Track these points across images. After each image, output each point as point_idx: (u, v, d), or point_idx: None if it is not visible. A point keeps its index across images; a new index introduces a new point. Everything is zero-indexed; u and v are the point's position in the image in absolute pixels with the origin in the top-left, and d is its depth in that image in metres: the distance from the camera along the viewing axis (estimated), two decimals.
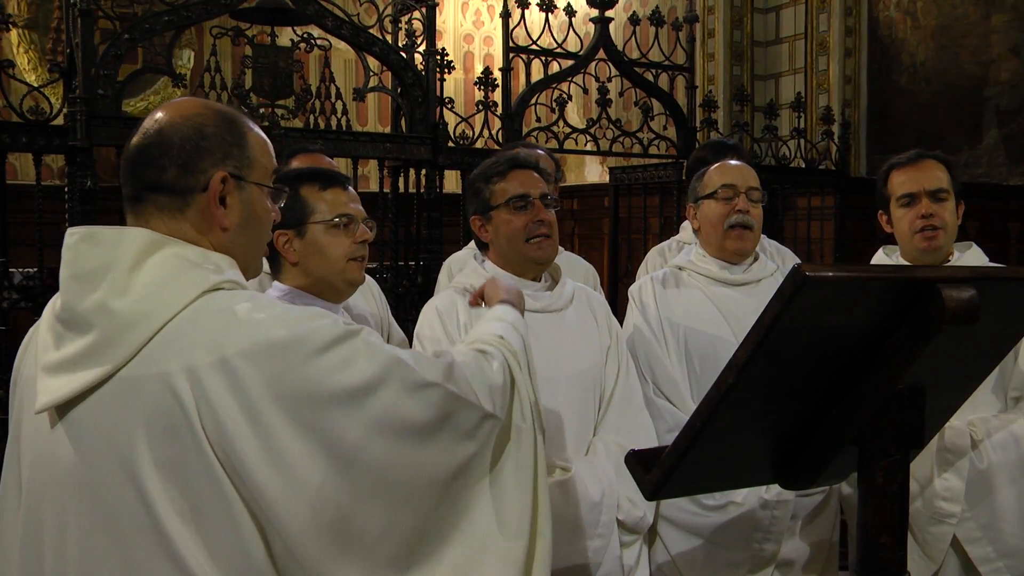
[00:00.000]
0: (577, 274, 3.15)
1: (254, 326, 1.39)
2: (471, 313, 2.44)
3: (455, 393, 1.52)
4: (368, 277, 2.99)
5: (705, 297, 2.73)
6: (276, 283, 2.24)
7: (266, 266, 2.25)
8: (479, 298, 2.06)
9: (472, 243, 3.33)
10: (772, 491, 2.54)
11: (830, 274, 1.33)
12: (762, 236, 3.04)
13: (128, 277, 1.40)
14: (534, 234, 2.44)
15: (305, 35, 4.27)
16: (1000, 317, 1.54)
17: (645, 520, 2.45)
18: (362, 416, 1.40)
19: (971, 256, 2.74)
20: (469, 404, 1.54)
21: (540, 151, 3.39)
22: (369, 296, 2.86)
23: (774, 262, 2.92)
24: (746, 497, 2.55)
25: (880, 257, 2.83)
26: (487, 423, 1.58)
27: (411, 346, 3.07)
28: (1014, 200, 7.01)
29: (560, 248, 2.79)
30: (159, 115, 1.52)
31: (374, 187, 4.79)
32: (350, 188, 2.28)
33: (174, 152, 1.49)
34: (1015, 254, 6.87)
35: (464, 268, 2.60)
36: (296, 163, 3.10)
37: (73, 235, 1.45)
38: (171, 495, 1.36)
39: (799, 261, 3.49)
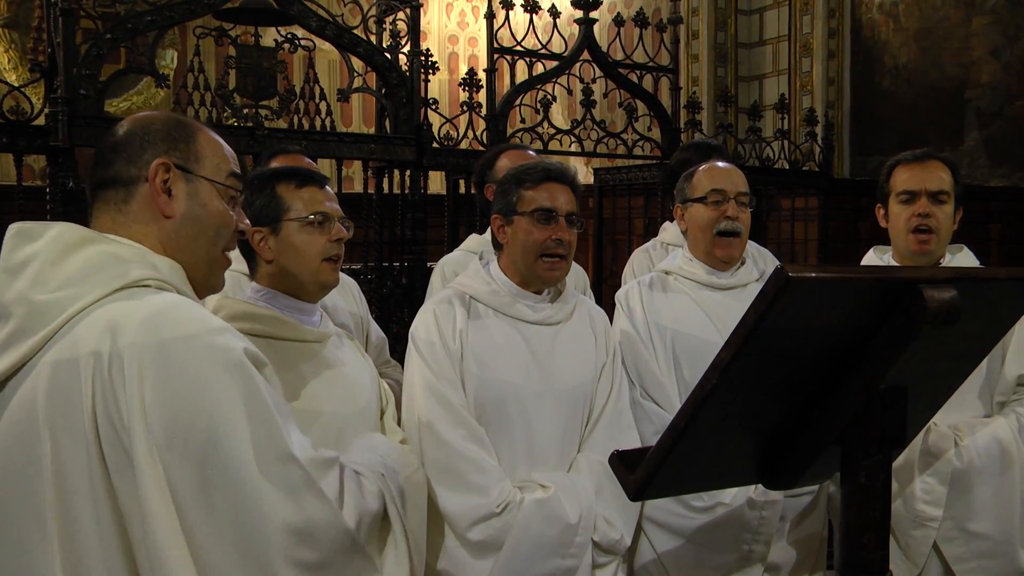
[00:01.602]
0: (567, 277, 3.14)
1: (156, 320, 1.38)
2: (469, 322, 2.42)
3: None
4: (348, 277, 2.98)
5: (692, 301, 2.73)
6: (253, 283, 2.22)
7: (244, 267, 2.24)
8: None
9: (465, 244, 3.33)
10: (760, 492, 2.54)
11: (812, 275, 1.34)
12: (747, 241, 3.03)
13: (51, 269, 1.42)
14: (550, 252, 2.41)
15: (289, 35, 4.25)
16: (981, 317, 1.55)
17: (622, 543, 2.43)
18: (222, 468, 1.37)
19: (961, 259, 2.75)
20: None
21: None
22: (349, 295, 2.86)
23: (758, 264, 2.93)
24: (734, 498, 2.54)
25: (871, 257, 2.84)
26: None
27: (393, 345, 3.07)
28: (995, 201, 7.05)
29: None
30: (119, 123, 1.60)
31: (358, 188, 4.78)
32: (327, 187, 2.26)
33: (120, 147, 1.54)
34: (996, 255, 6.91)
35: (467, 270, 2.58)
36: (276, 163, 3.09)
37: (11, 230, 1.48)
38: (55, 483, 1.36)
39: (778, 263, 3.50)
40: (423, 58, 4.47)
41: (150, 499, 1.33)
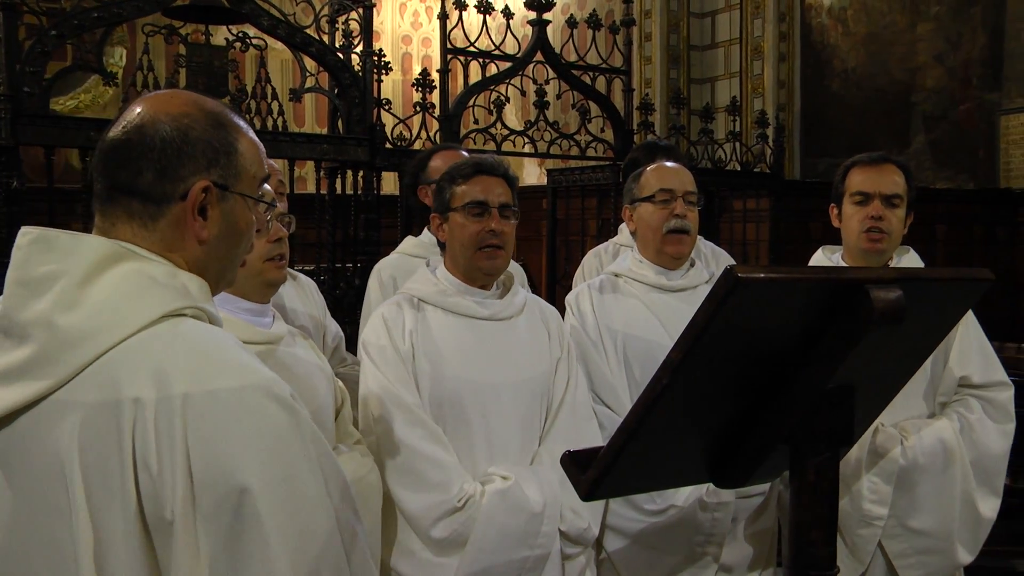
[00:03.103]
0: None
1: (202, 368, 1.24)
2: (418, 322, 2.42)
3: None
4: (307, 278, 2.95)
5: (642, 304, 2.74)
6: None
7: None
8: None
9: (401, 247, 3.31)
10: (712, 494, 2.56)
11: (761, 275, 1.35)
12: (698, 238, 3.06)
13: (79, 290, 1.26)
14: (486, 243, 2.40)
15: (240, 34, 4.21)
16: (926, 317, 1.58)
17: (589, 531, 2.43)
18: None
19: (908, 261, 2.79)
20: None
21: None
22: (308, 297, 2.83)
23: (710, 265, 2.95)
24: (687, 499, 2.56)
25: (820, 257, 2.87)
26: None
27: (346, 347, 3.05)
28: (941, 203, 7.20)
29: None
30: (142, 108, 1.36)
31: (311, 188, 4.75)
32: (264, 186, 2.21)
33: (154, 154, 1.33)
34: (942, 255, 7.05)
35: (414, 275, 2.57)
36: None
37: (26, 235, 1.31)
38: (90, 535, 1.23)
39: (734, 263, 3.53)
40: (376, 58, 4.46)
41: (181, 566, 1.20)
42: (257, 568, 1.20)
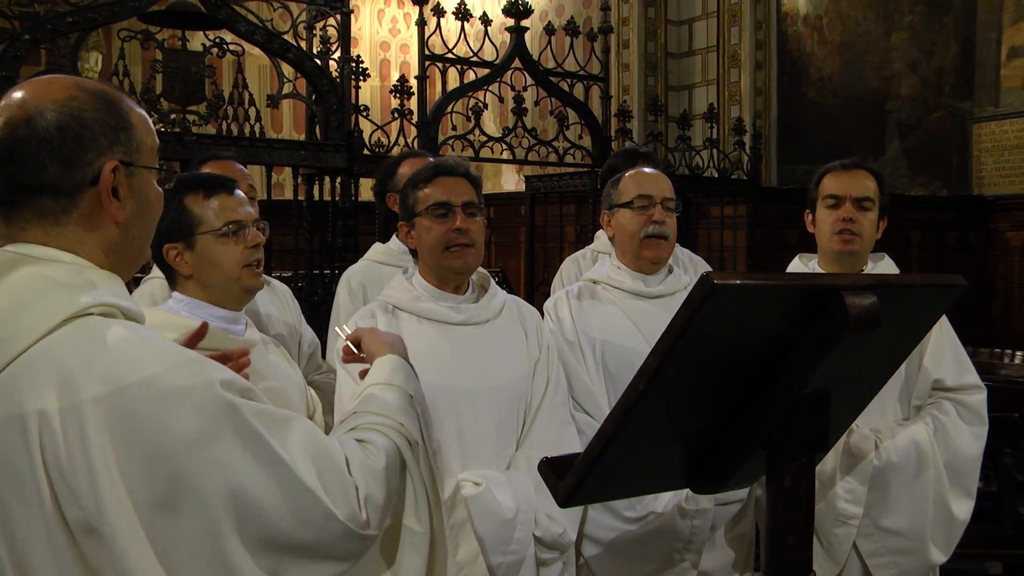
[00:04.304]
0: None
1: (111, 365, 1.19)
2: (391, 328, 2.40)
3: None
4: (281, 284, 2.94)
5: (620, 311, 2.74)
6: (176, 294, 2.17)
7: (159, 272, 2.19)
8: (353, 352, 1.95)
9: (369, 254, 3.29)
10: (691, 500, 2.56)
11: (737, 282, 1.36)
12: (675, 245, 3.07)
13: None
14: (453, 243, 2.39)
15: (217, 40, 4.19)
16: (900, 323, 1.59)
17: (565, 536, 2.41)
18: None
19: (883, 267, 2.83)
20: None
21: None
22: (282, 304, 2.82)
23: (687, 271, 2.96)
24: (666, 506, 2.56)
25: (796, 264, 2.89)
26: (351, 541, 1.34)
27: (323, 352, 3.04)
28: (916, 209, 7.26)
29: None
30: (22, 98, 1.28)
31: (288, 195, 4.73)
32: (237, 192, 2.18)
33: (52, 145, 1.26)
34: (917, 261, 7.11)
35: (392, 281, 2.56)
36: (207, 170, 3.03)
37: None
38: (3, 548, 1.21)
39: (710, 269, 3.55)
40: (354, 64, 4.45)
41: (132, 567, 1.17)
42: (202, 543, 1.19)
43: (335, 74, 4.42)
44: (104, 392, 1.17)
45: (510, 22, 5.03)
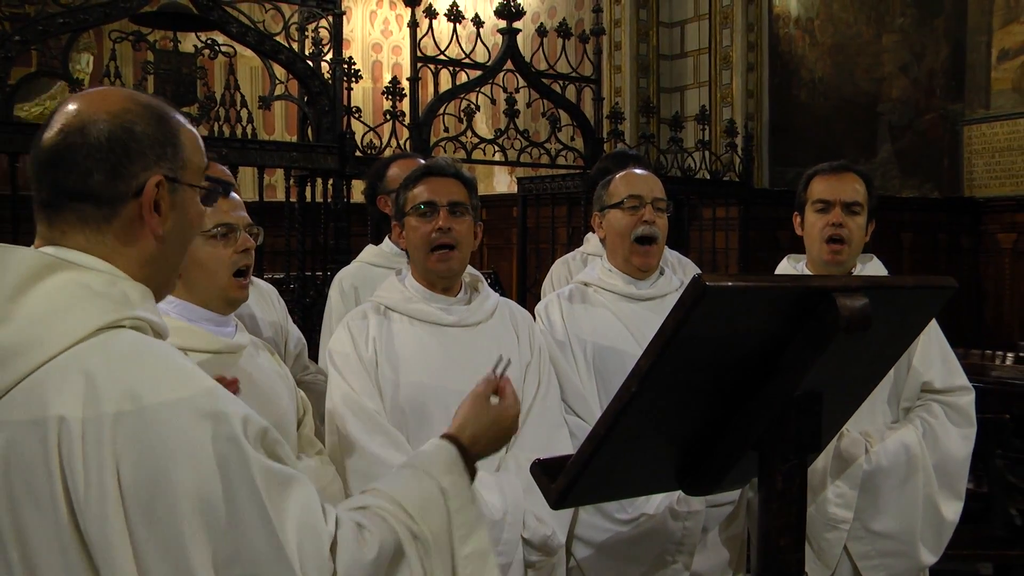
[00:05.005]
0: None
1: (135, 385, 1.19)
2: (382, 329, 2.40)
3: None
4: (267, 284, 2.93)
5: (611, 314, 2.75)
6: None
7: None
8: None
9: (361, 256, 3.28)
10: (682, 502, 2.56)
11: (729, 284, 1.36)
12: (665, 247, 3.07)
13: (10, 304, 1.22)
14: (437, 243, 2.39)
15: (209, 41, 4.19)
16: (891, 324, 1.60)
17: (554, 539, 2.40)
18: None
19: (871, 269, 2.84)
20: None
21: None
22: (268, 304, 2.81)
23: (676, 273, 2.96)
24: (658, 507, 2.56)
25: (785, 266, 2.90)
26: None
27: (314, 355, 3.03)
28: (907, 211, 7.29)
29: None
30: (77, 108, 1.33)
31: (280, 196, 4.72)
32: (232, 195, 2.15)
33: (101, 154, 1.29)
34: (908, 263, 7.14)
35: (385, 282, 2.55)
36: None
37: None
38: (16, 554, 1.21)
39: (699, 272, 3.55)
40: (346, 66, 4.44)
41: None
42: None
43: (327, 76, 4.41)
44: (125, 409, 1.18)
45: (502, 24, 5.04)
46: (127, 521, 1.17)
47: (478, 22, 4.95)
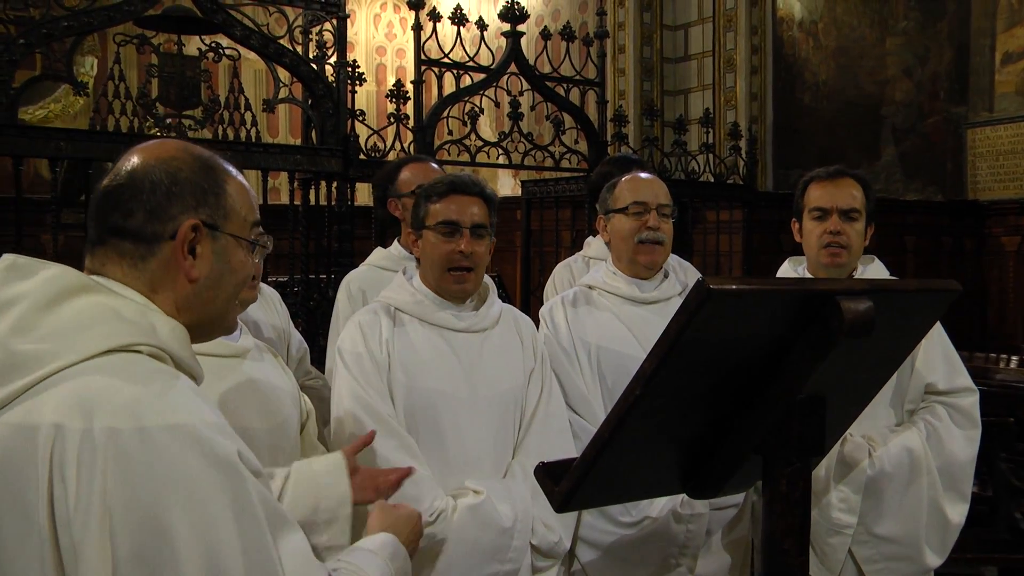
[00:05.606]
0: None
1: (139, 403, 1.20)
2: (395, 331, 2.40)
3: None
4: (269, 288, 2.93)
5: (615, 317, 2.74)
6: None
7: None
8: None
9: (370, 259, 3.28)
10: (686, 505, 2.56)
11: (733, 287, 1.36)
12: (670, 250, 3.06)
13: (39, 315, 1.26)
14: (455, 265, 2.39)
15: (213, 44, 4.19)
16: (895, 328, 1.60)
17: (561, 545, 2.43)
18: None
19: (873, 270, 2.82)
20: None
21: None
22: (271, 308, 2.80)
23: (679, 278, 2.95)
24: (661, 511, 2.56)
25: (786, 269, 2.89)
26: None
27: (319, 358, 3.03)
28: (910, 214, 7.29)
29: None
30: (133, 157, 1.40)
31: (284, 199, 4.73)
32: None
33: (144, 196, 1.36)
34: (912, 266, 7.13)
35: (392, 282, 2.55)
36: None
37: (2, 262, 1.33)
38: None
39: (700, 275, 3.54)
40: (350, 69, 4.45)
41: None
42: None
43: (331, 79, 4.41)
44: (122, 427, 1.18)
45: (506, 27, 5.04)
46: (111, 544, 1.16)
47: (482, 25, 4.95)
